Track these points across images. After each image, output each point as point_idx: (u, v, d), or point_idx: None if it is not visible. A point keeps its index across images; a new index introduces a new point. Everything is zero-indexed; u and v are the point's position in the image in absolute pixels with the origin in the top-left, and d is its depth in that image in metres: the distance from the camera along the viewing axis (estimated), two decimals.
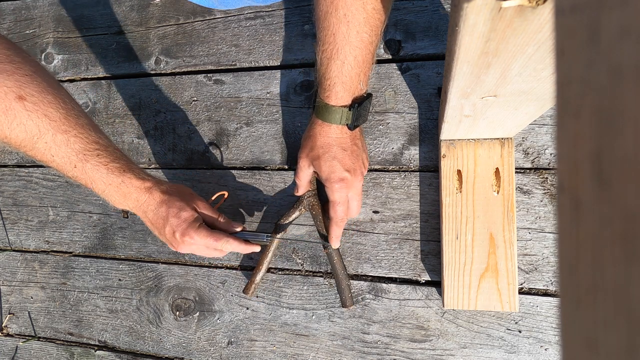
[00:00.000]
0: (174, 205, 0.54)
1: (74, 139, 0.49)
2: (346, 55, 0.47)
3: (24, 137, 0.47)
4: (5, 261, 0.81)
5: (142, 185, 0.54)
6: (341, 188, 0.55)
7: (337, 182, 0.55)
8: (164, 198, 0.54)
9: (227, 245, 0.57)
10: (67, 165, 0.50)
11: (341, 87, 0.50)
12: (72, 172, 0.51)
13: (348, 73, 0.49)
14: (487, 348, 0.58)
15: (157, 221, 0.55)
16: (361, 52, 0.47)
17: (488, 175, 0.57)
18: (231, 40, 0.73)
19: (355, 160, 0.55)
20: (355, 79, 0.50)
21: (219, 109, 0.72)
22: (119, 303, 0.74)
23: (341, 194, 0.56)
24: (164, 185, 0.56)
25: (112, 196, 0.53)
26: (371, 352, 0.62)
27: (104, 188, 0.52)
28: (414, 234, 0.62)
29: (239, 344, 0.67)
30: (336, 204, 0.56)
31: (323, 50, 0.48)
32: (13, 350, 0.79)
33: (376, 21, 0.46)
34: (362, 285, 0.63)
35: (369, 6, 0.44)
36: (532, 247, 0.58)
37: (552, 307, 0.57)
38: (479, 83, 0.35)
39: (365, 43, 0.47)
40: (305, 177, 0.59)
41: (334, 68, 0.49)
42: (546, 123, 0.59)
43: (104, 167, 0.51)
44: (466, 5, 0.22)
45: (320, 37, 0.48)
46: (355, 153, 0.55)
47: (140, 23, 0.78)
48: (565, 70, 0.12)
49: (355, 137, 0.55)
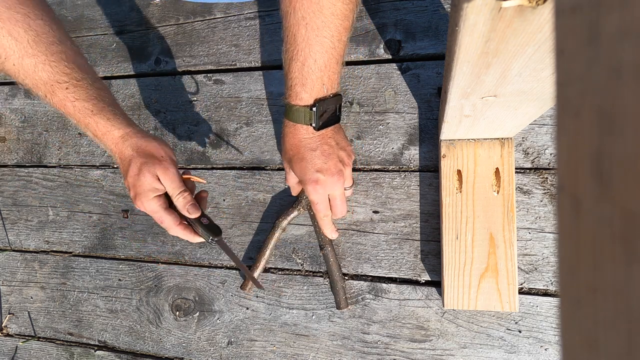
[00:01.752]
0: (135, 166, 0.51)
1: (42, 67, 0.45)
2: (306, 57, 0.46)
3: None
4: (5, 261, 0.81)
5: (109, 133, 0.50)
6: (315, 189, 0.54)
7: (310, 184, 0.53)
8: (129, 154, 0.51)
9: (170, 231, 0.54)
10: (38, 92, 0.47)
11: (301, 88, 0.49)
12: (44, 100, 0.48)
13: (308, 75, 0.47)
14: (487, 348, 0.58)
15: (121, 169, 0.53)
16: (322, 57, 0.46)
17: (488, 175, 0.57)
18: (231, 40, 0.73)
19: (327, 160, 0.53)
20: (317, 81, 0.48)
21: (219, 109, 0.72)
22: (119, 303, 0.74)
23: (318, 195, 0.54)
24: (136, 139, 0.51)
25: (87, 133, 0.51)
26: (371, 352, 0.62)
27: (75, 123, 0.50)
28: (414, 234, 0.62)
29: (239, 344, 0.67)
30: (315, 204, 0.56)
31: (285, 50, 0.48)
32: (13, 350, 0.79)
33: (337, 26, 0.44)
34: (362, 285, 0.63)
35: (327, 11, 0.43)
36: (532, 247, 0.58)
37: (552, 307, 0.57)
38: (479, 83, 0.35)
39: (326, 47, 0.45)
40: (292, 179, 0.59)
41: (294, 69, 0.47)
42: (546, 123, 0.59)
43: (70, 104, 0.48)
44: (466, 5, 0.22)
45: (283, 37, 0.47)
46: (326, 152, 0.53)
47: (140, 23, 0.78)
48: (565, 70, 0.12)
49: (326, 137, 0.53)
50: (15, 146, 0.83)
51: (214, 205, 0.70)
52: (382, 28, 0.66)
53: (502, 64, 0.30)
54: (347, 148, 0.56)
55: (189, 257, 0.71)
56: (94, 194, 0.77)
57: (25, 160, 0.82)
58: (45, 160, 0.80)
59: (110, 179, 0.76)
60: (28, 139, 0.82)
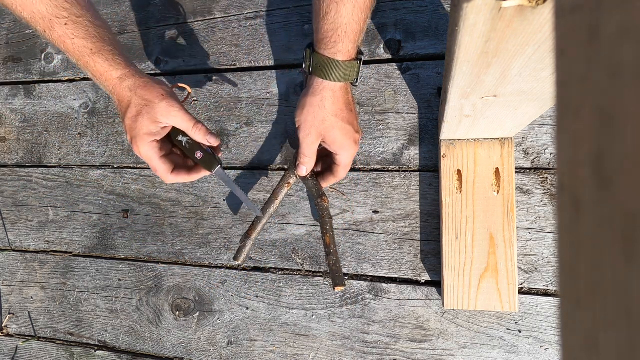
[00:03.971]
0: (134, 108, 0.49)
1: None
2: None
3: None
4: (5, 261, 0.81)
5: (107, 74, 0.48)
6: (355, 150, 0.52)
7: (353, 147, 0.51)
8: (127, 95, 0.49)
9: (165, 179, 0.53)
10: (36, 27, 0.46)
11: (352, 37, 0.44)
12: (44, 36, 0.47)
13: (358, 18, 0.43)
14: (487, 348, 0.58)
15: (119, 111, 0.52)
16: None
17: (488, 175, 0.57)
18: (231, 40, 0.73)
19: (357, 117, 0.52)
20: (364, 24, 0.44)
21: (219, 109, 0.72)
22: (119, 303, 0.74)
23: (353, 156, 0.53)
24: (133, 80, 0.49)
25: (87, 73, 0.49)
26: (371, 352, 0.62)
27: (75, 62, 0.48)
28: (414, 234, 0.62)
29: (239, 344, 0.67)
30: (347, 167, 0.54)
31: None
32: (13, 350, 0.79)
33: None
34: (362, 285, 0.63)
35: None
36: (532, 247, 0.58)
37: (552, 307, 0.57)
38: (479, 83, 0.35)
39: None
40: (315, 152, 0.53)
41: (345, 13, 0.42)
42: (546, 123, 0.59)
43: (69, 41, 0.46)
44: (466, 5, 0.22)
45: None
46: (354, 110, 0.51)
47: (140, 23, 0.78)
48: (565, 70, 0.12)
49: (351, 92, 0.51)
50: (16, 146, 0.83)
51: (214, 205, 0.70)
52: (382, 28, 0.66)
53: (502, 64, 0.30)
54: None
55: (189, 257, 0.71)
56: (94, 194, 0.77)
57: (26, 160, 0.82)
58: (45, 160, 0.80)
59: (110, 179, 0.76)
60: (28, 139, 0.82)
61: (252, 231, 0.60)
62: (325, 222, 0.57)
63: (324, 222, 0.57)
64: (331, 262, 0.56)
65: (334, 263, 0.56)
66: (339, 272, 0.55)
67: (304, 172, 0.55)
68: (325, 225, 0.57)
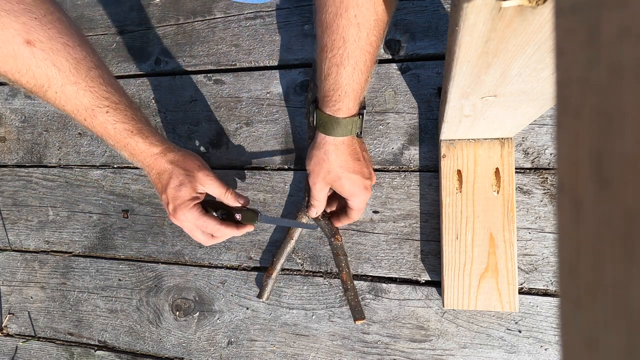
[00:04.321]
0: (176, 178, 0.54)
1: (82, 92, 0.47)
2: (357, 60, 0.44)
3: (34, 84, 0.45)
4: (5, 261, 0.81)
5: (148, 150, 0.53)
6: (366, 197, 0.55)
7: (363, 193, 0.54)
8: (168, 167, 0.54)
9: (217, 232, 0.57)
10: (77, 116, 0.49)
11: (352, 96, 0.47)
12: (83, 123, 0.50)
13: (358, 79, 0.46)
14: (487, 348, 0.58)
15: (157, 185, 0.55)
16: (370, 57, 0.45)
17: (488, 175, 0.57)
18: (231, 40, 0.73)
19: (368, 165, 0.55)
20: (364, 85, 0.47)
21: (219, 109, 0.72)
22: (119, 303, 0.74)
23: (365, 201, 0.56)
24: (173, 154, 0.55)
25: (121, 153, 0.53)
26: (371, 352, 0.62)
27: (112, 144, 0.52)
28: (414, 234, 0.62)
29: (239, 344, 0.67)
30: (359, 211, 0.57)
31: (331, 57, 0.44)
32: (13, 350, 0.79)
33: (383, 24, 0.43)
34: (362, 285, 0.63)
35: (379, 7, 0.41)
36: (532, 247, 0.58)
37: (552, 307, 0.57)
38: (479, 83, 0.35)
39: (374, 47, 0.44)
40: (324, 197, 0.57)
41: (345, 75, 0.45)
42: (546, 123, 0.59)
43: (111, 126, 0.50)
44: (466, 5, 0.22)
45: (326, 43, 0.44)
46: (366, 159, 0.55)
47: (140, 23, 0.78)
48: (565, 70, 0.12)
49: (361, 142, 0.55)
50: (16, 146, 0.83)
51: None
52: None
53: (502, 64, 0.30)
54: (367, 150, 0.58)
55: (189, 257, 0.71)
56: (94, 194, 0.77)
57: (26, 160, 0.82)
58: (45, 160, 0.80)
59: (110, 179, 0.76)
60: (28, 139, 0.82)
61: (272, 270, 0.64)
62: (340, 260, 0.61)
63: (339, 260, 0.61)
64: (350, 297, 0.60)
65: (353, 298, 0.60)
66: (358, 307, 0.60)
67: (314, 214, 0.59)
68: (341, 263, 0.61)
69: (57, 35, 0.44)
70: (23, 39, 0.42)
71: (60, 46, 0.45)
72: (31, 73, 0.44)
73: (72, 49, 0.46)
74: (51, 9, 0.44)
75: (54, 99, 0.47)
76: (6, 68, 0.44)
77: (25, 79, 0.45)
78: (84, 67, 0.47)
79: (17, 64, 0.43)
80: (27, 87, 0.46)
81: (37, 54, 0.43)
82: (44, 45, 0.43)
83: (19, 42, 0.42)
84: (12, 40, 0.42)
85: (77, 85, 0.46)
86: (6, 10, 0.41)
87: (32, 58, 0.43)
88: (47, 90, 0.46)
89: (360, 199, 0.55)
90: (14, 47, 0.42)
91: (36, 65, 0.44)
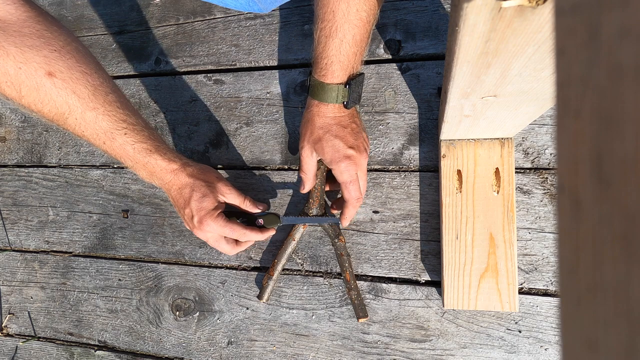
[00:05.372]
0: (199, 190, 0.56)
1: (102, 117, 0.49)
2: (345, 33, 0.47)
3: (55, 112, 0.47)
4: (5, 261, 0.81)
5: (167, 167, 0.55)
6: (349, 166, 0.54)
7: (344, 161, 0.54)
8: (189, 181, 0.56)
9: (244, 237, 0.59)
10: (96, 141, 0.51)
11: (338, 66, 0.50)
12: (102, 147, 0.52)
13: (345, 51, 0.49)
14: (487, 348, 0.58)
15: (179, 200, 0.57)
16: (359, 31, 0.47)
17: (488, 175, 0.57)
18: (231, 40, 0.73)
19: (357, 137, 0.55)
20: (352, 57, 0.50)
21: (219, 109, 0.72)
22: (119, 303, 0.74)
23: (350, 172, 0.55)
24: (191, 168, 0.57)
25: (139, 172, 0.55)
26: (371, 352, 0.62)
27: (131, 165, 0.54)
28: (414, 234, 0.62)
29: (239, 344, 0.67)
30: (348, 184, 0.55)
31: (322, 28, 0.48)
32: (13, 350, 0.79)
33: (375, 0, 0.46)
34: (362, 285, 0.63)
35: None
36: (532, 247, 0.58)
37: (552, 307, 0.57)
38: (479, 83, 0.35)
39: (364, 22, 0.47)
40: (311, 168, 0.58)
41: (332, 46, 0.48)
42: (546, 123, 0.59)
43: (130, 147, 0.52)
44: (466, 5, 0.22)
45: (319, 15, 0.48)
46: (355, 130, 0.55)
47: (140, 23, 0.78)
48: (565, 70, 0.12)
49: (353, 116, 0.56)
50: (16, 146, 0.83)
51: None
52: (382, 28, 0.66)
53: (502, 64, 0.30)
54: (365, 131, 0.59)
55: (189, 257, 0.71)
56: (94, 194, 0.77)
57: (26, 160, 0.82)
58: (45, 160, 0.80)
59: (110, 179, 0.76)
60: (28, 139, 0.82)
61: (273, 271, 0.64)
62: (344, 260, 0.62)
63: (343, 260, 0.62)
64: (353, 297, 0.61)
65: (356, 297, 0.61)
66: (361, 305, 0.61)
67: (303, 189, 0.60)
68: (344, 263, 0.62)
69: (75, 65, 0.47)
70: (45, 71, 0.44)
71: (79, 74, 0.47)
72: (53, 102, 0.46)
73: (90, 76, 0.48)
74: (68, 40, 0.47)
75: (74, 125, 0.49)
76: (30, 100, 0.46)
77: (47, 108, 0.47)
78: (101, 93, 0.49)
79: (39, 95, 0.45)
80: (49, 116, 0.48)
81: (57, 83, 0.45)
82: (64, 74, 0.46)
83: (41, 74, 0.44)
84: (34, 73, 0.44)
85: (96, 111, 0.48)
86: (29, 45, 0.43)
87: (53, 88, 0.45)
88: (67, 117, 0.48)
89: (342, 167, 0.54)
90: (36, 80, 0.44)
91: (57, 94, 0.46)
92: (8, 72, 0.43)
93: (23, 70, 0.43)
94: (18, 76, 0.44)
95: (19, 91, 0.45)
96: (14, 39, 0.42)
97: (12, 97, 0.45)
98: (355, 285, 0.61)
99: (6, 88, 0.44)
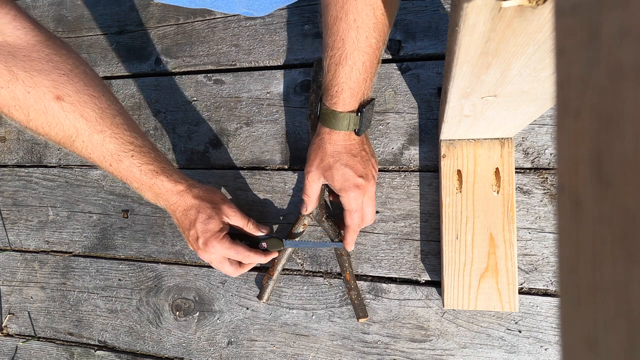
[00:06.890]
0: (204, 212, 0.56)
1: (109, 140, 0.49)
2: (355, 61, 0.47)
3: (62, 135, 0.47)
4: (5, 261, 0.81)
5: (173, 188, 0.55)
6: (357, 195, 0.55)
7: (353, 190, 0.54)
8: (194, 203, 0.56)
9: (248, 259, 0.59)
10: (103, 163, 0.51)
11: (349, 93, 0.49)
12: (108, 169, 0.52)
13: (356, 79, 0.48)
14: (487, 348, 0.58)
15: (184, 222, 0.57)
16: (369, 58, 0.47)
17: (488, 175, 0.57)
18: (231, 40, 0.73)
19: (366, 165, 0.55)
20: (362, 84, 0.49)
21: (219, 109, 0.72)
22: (119, 303, 0.74)
23: (357, 201, 0.55)
24: (197, 189, 0.57)
25: (145, 194, 0.55)
26: (371, 352, 0.62)
27: (137, 186, 0.54)
28: (414, 234, 0.62)
29: (239, 344, 0.67)
30: (353, 212, 0.56)
31: (331, 55, 0.48)
32: (13, 350, 0.79)
33: (384, 27, 0.46)
34: (362, 285, 0.63)
35: (379, 12, 0.44)
36: (532, 247, 0.58)
37: (552, 307, 0.57)
38: (479, 83, 0.35)
39: (373, 48, 0.47)
40: (315, 192, 0.58)
41: (342, 74, 0.48)
42: (546, 123, 0.59)
43: (137, 169, 0.52)
44: (466, 5, 0.22)
45: (328, 43, 0.48)
46: (364, 158, 0.55)
47: (140, 23, 0.78)
48: (565, 70, 0.12)
49: (362, 143, 0.55)
50: (16, 146, 0.83)
51: None
52: None
53: (502, 64, 0.30)
54: (375, 156, 0.59)
55: (189, 257, 0.71)
56: (94, 194, 0.77)
57: (25, 160, 0.82)
58: (45, 160, 0.80)
59: (110, 179, 0.76)
60: (28, 139, 0.82)
61: (273, 271, 0.64)
62: (344, 260, 0.62)
63: (343, 260, 0.62)
64: (353, 296, 0.61)
65: (356, 297, 0.61)
66: (361, 305, 0.61)
67: (305, 210, 0.61)
68: (345, 263, 0.62)
69: (83, 88, 0.47)
70: (53, 95, 0.45)
71: (87, 97, 0.47)
72: (60, 126, 0.46)
73: (97, 99, 0.48)
74: (76, 63, 0.47)
75: (81, 148, 0.49)
76: (37, 123, 0.46)
77: (54, 131, 0.47)
78: (108, 115, 0.49)
79: (47, 119, 0.45)
80: (56, 139, 0.48)
81: (65, 107, 0.46)
82: (72, 98, 0.46)
83: (49, 98, 0.44)
84: (43, 97, 0.44)
85: (104, 134, 0.49)
86: (38, 70, 0.43)
87: (61, 111, 0.46)
88: (75, 140, 0.48)
89: (350, 196, 0.54)
90: (44, 104, 0.45)
91: (65, 117, 0.46)
92: (17, 96, 0.43)
93: (32, 95, 0.44)
94: (26, 100, 0.44)
95: (27, 115, 0.45)
96: (23, 63, 0.43)
97: (20, 120, 0.45)
98: (355, 285, 0.61)
99: (14, 112, 0.45)
